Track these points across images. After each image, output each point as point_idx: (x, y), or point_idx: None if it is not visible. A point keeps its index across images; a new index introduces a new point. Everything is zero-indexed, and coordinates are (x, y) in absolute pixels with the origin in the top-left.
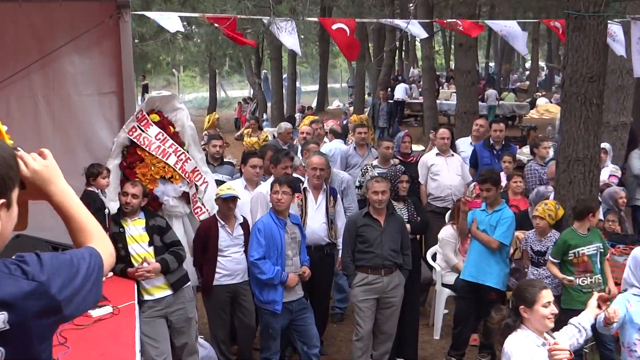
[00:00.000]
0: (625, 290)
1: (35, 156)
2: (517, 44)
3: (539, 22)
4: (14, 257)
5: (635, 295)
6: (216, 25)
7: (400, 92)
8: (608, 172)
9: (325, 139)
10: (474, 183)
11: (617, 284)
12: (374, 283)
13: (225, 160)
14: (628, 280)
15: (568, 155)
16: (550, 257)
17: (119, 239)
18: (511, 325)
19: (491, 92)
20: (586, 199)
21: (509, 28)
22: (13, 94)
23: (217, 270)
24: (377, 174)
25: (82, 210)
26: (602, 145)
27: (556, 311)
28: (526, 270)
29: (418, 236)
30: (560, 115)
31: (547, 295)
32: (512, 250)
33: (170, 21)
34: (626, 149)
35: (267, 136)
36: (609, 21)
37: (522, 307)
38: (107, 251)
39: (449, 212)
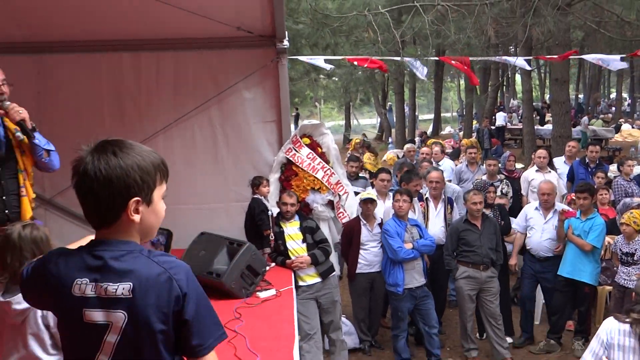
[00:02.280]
0: None
1: None
2: (614, 64)
3: (625, 57)
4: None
5: None
6: (355, 63)
7: (500, 119)
8: None
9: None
10: (568, 194)
11: None
12: (474, 276)
13: (360, 175)
14: None
15: None
16: None
17: (278, 237)
18: None
19: (584, 119)
20: None
21: (601, 59)
22: (196, 123)
23: (359, 260)
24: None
25: None
26: None
27: None
28: (615, 269)
29: None
30: None
31: None
32: (602, 252)
33: (319, 62)
34: None
35: (392, 156)
36: None
37: None
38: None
39: None
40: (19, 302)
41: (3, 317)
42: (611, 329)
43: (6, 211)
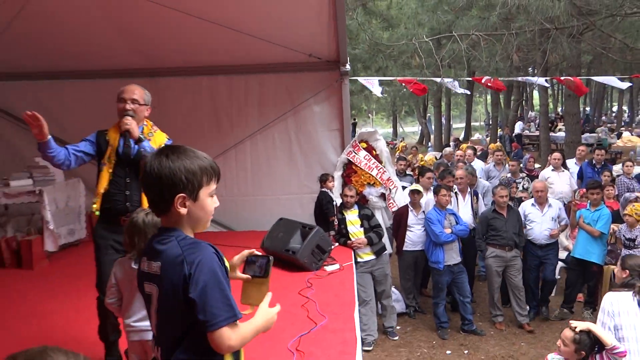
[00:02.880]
0: None
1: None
2: (616, 83)
3: (626, 78)
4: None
5: None
6: (403, 84)
7: (518, 127)
8: None
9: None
10: (579, 189)
11: None
12: (501, 255)
13: (407, 172)
14: None
15: None
16: None
17: (341, 222)
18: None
19: (602, 129)
20: None
21: (608, 78)
22: (276, 131)
23: (405, 240)
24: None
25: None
26: None
27: None
28: (619, 251)
29: None
30: None
31: None
32: (608, 237)
33: (374, 88)
34: None
35: (431, 158)
36: None
37: None
38: (236, 335)
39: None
40: None
41: (133, 280)
42: (612, 301)
43: (127, 204)
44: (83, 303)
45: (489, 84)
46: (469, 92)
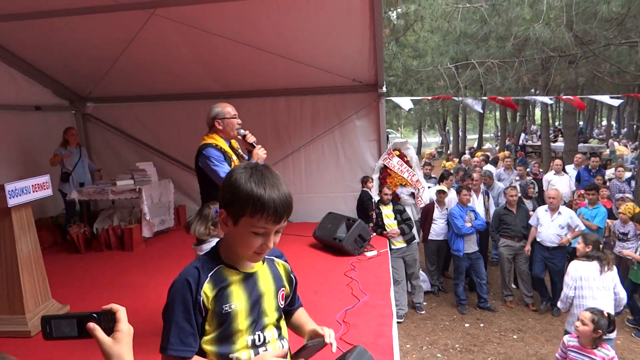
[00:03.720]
0: None
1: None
2: (609, 101)
3: (620, 96)
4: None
5: None
6: (428, 100)
7: (521, 139)
8: None
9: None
10: (577, 190)
11: None
12: (511, 245)
13: (432, 175)
14: None
15: None
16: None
17: (378, 216)
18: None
19: (612, 142)
20: None
21: (603, 97)
22: (325, 141)
23: (431, 231)
24: (517, 185)
25: None
26: None
27: None
28: (612, 243)
29: None
30: (639, 152)
31: None
32: (604, 231)
33: (405, 102)
34: None
35: (451, 164)
36: None
37: None
38: None
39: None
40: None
41: None
42: (576, 267)
43: None
44: (172, 277)
45: (503, 102)
46: (481, 111)
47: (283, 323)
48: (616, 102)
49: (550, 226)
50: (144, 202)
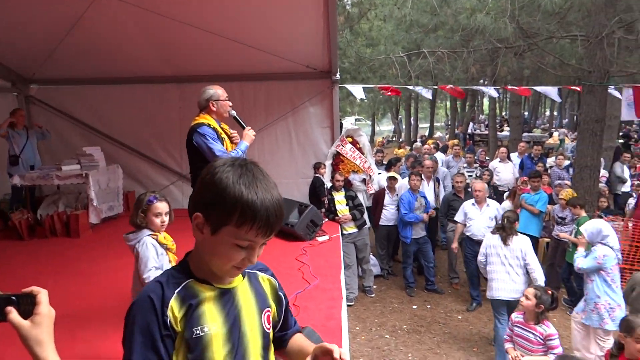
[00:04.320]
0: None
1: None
2: (553, 96)
3: (561, 88)
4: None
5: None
6: (382, 90)
7: (470, 128)
8: (601, 174)
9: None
10: (521, 177)
11: None
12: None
13: (383, 162)
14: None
15: (581, 163)
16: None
17: (331, 202)
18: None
19: (562, 131)
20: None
21: (547, 89)
22: (278, 128)
23: (381, 216)
24: (465, 172)
25: None
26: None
27: None
28: (552, 227)
29: None
30: (577, 141)
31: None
32: (544, 216)
33: (357, 90)
34: (612, 161)
35: (403, 151)
36: (609, 87)
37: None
38: None
39: (507, 193)
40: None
41: None
42: (488, 238)
43: None
44: (120, 264)
45: (452, 90)
46: (432, 99)
47: (272, 354)
48: (558, 98)
49: (480, 219)
50: (91, 188)
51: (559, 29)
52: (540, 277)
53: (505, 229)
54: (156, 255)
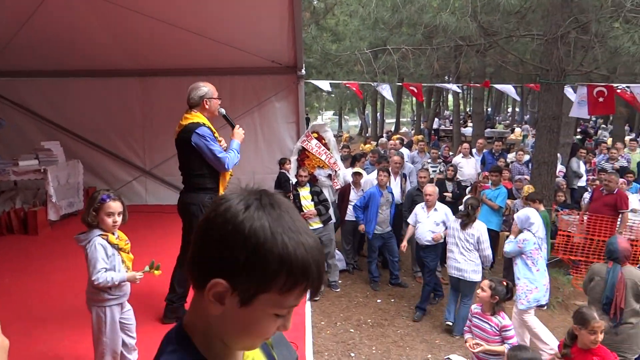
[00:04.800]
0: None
1: None
2: (512, 94)
3: (522, 86)
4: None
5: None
6: (348, 85)
7: (435, 124)
8: (558, 169)
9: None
10: (482, 173)
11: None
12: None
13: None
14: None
15: (539, 159)
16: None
17: (296, 197)
18: None
19: (526, 127)
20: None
21: (506, 87)
22: (243, 122)
23: (347, 211)
24: (429, 167)
25: None
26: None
27: None
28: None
29: None
30: (535, 138)
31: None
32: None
33: (324, 84)
34: (569, 157)
35: (369, 146)
36: (565, 86)
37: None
38: None
39: (469, 188)
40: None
41: None
42: (452, 223)
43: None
44: (80, 263)
45: (413, 91)
46: (392, 99)
47: None
48: (518, 97)
49: (426, 223)
50: (50, 184)
51: (518, 28)
52: (489, 258)
53: (469, 215)
54: (105, 256)
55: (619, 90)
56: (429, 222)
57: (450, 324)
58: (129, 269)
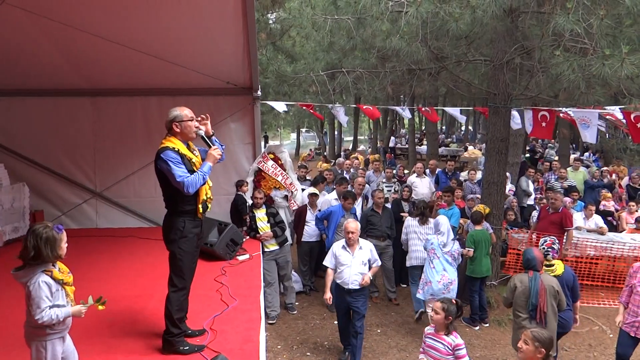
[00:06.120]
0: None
1: None
2: (457, 117)
3: (471, 109)
4: None
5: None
6: (304, 107)
7: (391, 142)
8: (509, 188)
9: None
10: (436, 192)
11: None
12: (377, 244)
13: (307, 178)
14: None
15: (489, 180)
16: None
17: (252, 219)
18: None
19: (483, 146)
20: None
21: (456, 111)
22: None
23: (304, 232)
24: (384, 187)
25: None
26: (507, 174)
27: None
28: (464, 240)
29: None
30: (485, 159)
31: None
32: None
33: (279, 105)
34: (518, 176)
35: (326, 165)
36: (512, 110)
37: None
38: None
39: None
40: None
41: None
42: (407, 219)
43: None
44: (23, 292)
45: (367, 110)
46: (345, 125)
47: None
48: (463, 118)
49: (352, 264)
50: None
51: (467, 53)
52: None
53: (424, 214)
54: (50, 294)
55: (561, 115)
56: (355, 262)
57: (423, 310)
58: (72, 301)
